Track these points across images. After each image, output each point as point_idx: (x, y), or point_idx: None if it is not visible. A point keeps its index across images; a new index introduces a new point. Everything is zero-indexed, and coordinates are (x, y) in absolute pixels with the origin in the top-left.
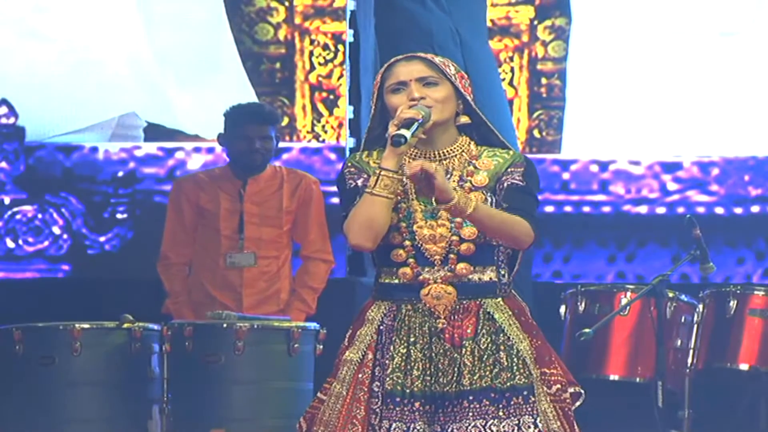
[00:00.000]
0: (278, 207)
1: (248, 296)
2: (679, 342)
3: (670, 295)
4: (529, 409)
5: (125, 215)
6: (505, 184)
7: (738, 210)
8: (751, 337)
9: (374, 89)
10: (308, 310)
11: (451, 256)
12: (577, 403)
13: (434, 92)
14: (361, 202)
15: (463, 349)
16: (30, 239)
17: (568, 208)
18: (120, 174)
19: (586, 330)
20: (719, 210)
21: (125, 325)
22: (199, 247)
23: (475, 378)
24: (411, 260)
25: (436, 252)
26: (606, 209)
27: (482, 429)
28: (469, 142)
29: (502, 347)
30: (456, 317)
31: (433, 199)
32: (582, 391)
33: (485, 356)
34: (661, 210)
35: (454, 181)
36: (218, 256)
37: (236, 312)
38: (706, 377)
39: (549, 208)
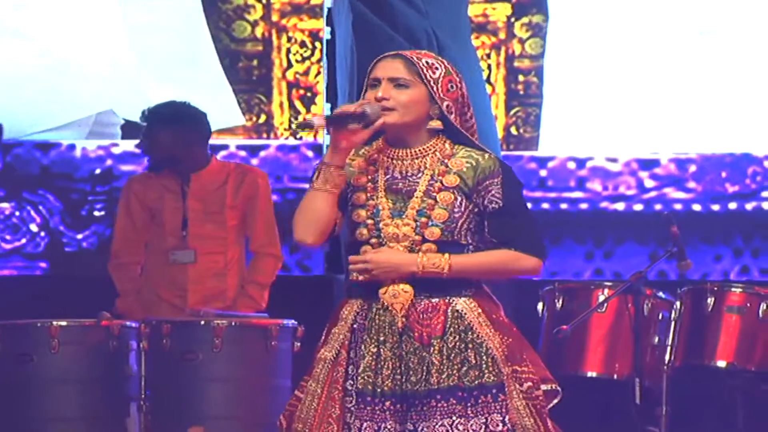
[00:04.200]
0: (221, 203)
1: (193, 293)
2: (656, 339)
3: (648, 292)
4: (498, 407)
5: (103, 213)
6: (487, 206)
7: (715, 207)
8: (729, 334)
9: (364, 84)
10: (256, 306)
11: None
12: (555, 401)
13: (401, 95)
14: (304, 197)
15: (432, 348)
16: (7, 237)
17: (545, 206)
18: (98, 171)
19: (564, 327)
20: (696, 207)
21: (103, 323)
22: (149, 246)
23: (443, 377)
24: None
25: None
26: (583, 206)
27: (450, 428)
28: (445, 141)
29: (470, 345)
30: (424, 315)
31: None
32: (559, 389)
33: (453, 355)
34: (638, 207)
35: (425, 180)
36: (165, 254)
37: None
38: (684, 374)
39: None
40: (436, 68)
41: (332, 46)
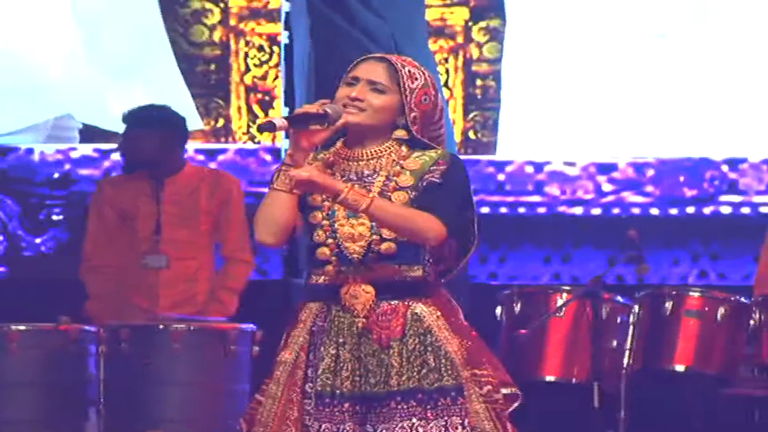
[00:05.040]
0: (195, 208)
1: (164, 297)
2: (614, 343)
3: (606, 296)
4: (458, 410)
5: (61, 217)
6: (426, 186)
7: (673, 211)
8: (687, 338)
9: (341, 82)
10: (225, 312)
11: (371, 254)
12: (515, 404)
13: (375, 98)
14: (265, 198)
15: (391, 350)
16: None
17: (503, 210)
18: (56, 176)
19: (522, 331)
20: (654, 211)
21: (62, 327)
22: (121, 249)
23: (402, 379)
24: (333, 258)
25: (356, 251)
26: (541, 210)
27: (410, 430)
28: (401, 144)
29: (429, 348)
30: (384, 318)
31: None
32: (519, 393)
33: (413, 357)
34: (596, 211)
35: (380, 180)
36: (137, 259)
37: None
38: (643, 378)
39: (484, 209)
40: (416, 78)
41: (291, 50)
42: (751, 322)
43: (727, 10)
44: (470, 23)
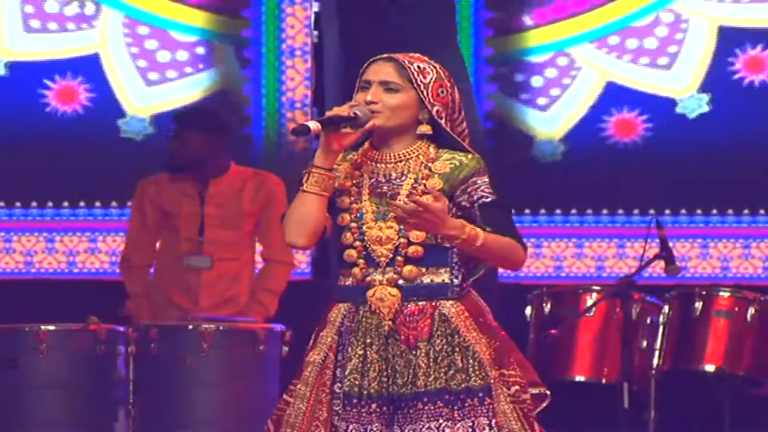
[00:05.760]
0: (239, 209)
1: (205, 298)
2: (644, 343)
3: (636, 296)
4: (485, 410)
5: None
6: (476, 198)
7: None
8: (717, 339)
9: (356, 85)
10: (266, 313)
11: (398, 258)
12: (543, 405)
13: (390, 98)
14: (294, 200)
15: (418, 351)
16: None
17: None
18: None
19: (552, 331)
20: None
21: (91, 327)
22: (161, 249)
23: (429, 380)
24: (361, 261)
25: (383, 254)
26: None
27: (436, 431)
28: (429, 145)
29: (457, 349)
30: (411, 319)
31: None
32: (547, 393)
33: (440, 358)
34: None
35: (408, 183)
36: (179, 259)
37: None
38: (672, 378)
39: None
40: (428, 73)
41: (320, 50)
42: None
43: None
44: None
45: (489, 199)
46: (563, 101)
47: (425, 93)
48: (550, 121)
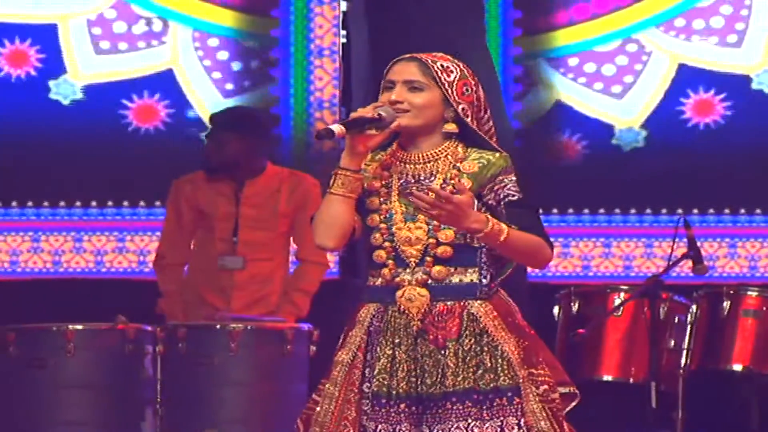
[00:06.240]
0: (274, 210)
1: (237, 299)
2: (672, 343)
3: (664, 295)
4: (513, 410)
5: None
6: (502, 196)
7: None
8: (745, 338)
9: (380, 86)
10: (298, 313)
11: (427, 258)
12: (573, 404)
13: (415, 97)
14: (323, 202)
15: (447, 351)
16: None
17: None
18: None
19: (580, 331)
20: None
21: (119, 327)
22: (196, 248)
23: (458, 379)
24: (390, 261)
25: (412, 254)
26: None
27: (465, 430)
28: (457, 145)
29: (486, 348)
30: (440, 318)
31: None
32: (577, 392)
33: (468, 357)
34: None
35: (437, 183)
36: (213, 258)
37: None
38: (700, 378)
39: None
40: (452, 71)
41: (348, 51)
42: None
43: None
44: None
45: (515, 198)
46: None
47: (450, 91)
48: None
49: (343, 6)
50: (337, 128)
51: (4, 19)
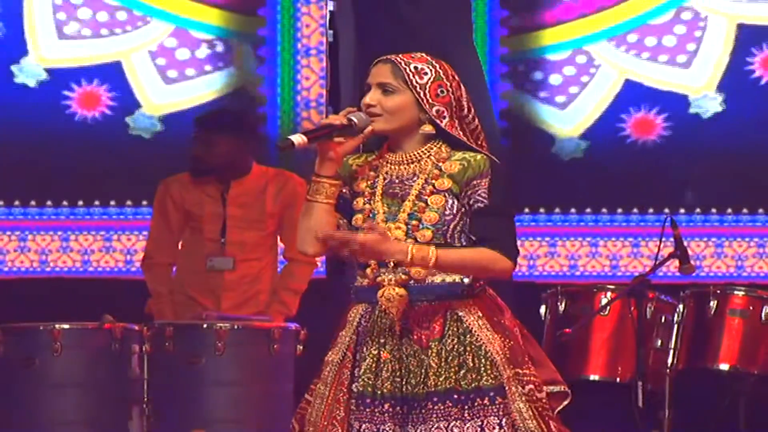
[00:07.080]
0: (261, 210)
1: (227, 299)
2: (659, 342)
3: (651, 295)
4: (495, 410)
5: None
6: (472, 204)
7: None
8: (732, 337)
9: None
10: (287, 312)
11: None
12: (564, 402)
13: (387, 101)
14: (302, 209)
15: (430, 351)
16: None
17: None
18: None
19: (566, 330)
20: None
21: (106, 326)
22: (184, 249)
23: (440, 379)
24: (372, 261)
25: None
26: None
27: (446, 430)
28: (441, 145)
29: (469, 348)
30: (424, 318)
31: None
32: (568, 391)
33: (451, 357)
34: None
35: (419, 183)
36: (201, 259)
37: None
38: (687, 377)
39: None
40: (426, 73)
41: (335, 49)
42: None
43: None
44: None
45: (482, 204)
46: (582, 99)
47: (421, 94)
48: (568, 119)
49: (331, 5)
50: (297, 138)
51: (70, 63)
